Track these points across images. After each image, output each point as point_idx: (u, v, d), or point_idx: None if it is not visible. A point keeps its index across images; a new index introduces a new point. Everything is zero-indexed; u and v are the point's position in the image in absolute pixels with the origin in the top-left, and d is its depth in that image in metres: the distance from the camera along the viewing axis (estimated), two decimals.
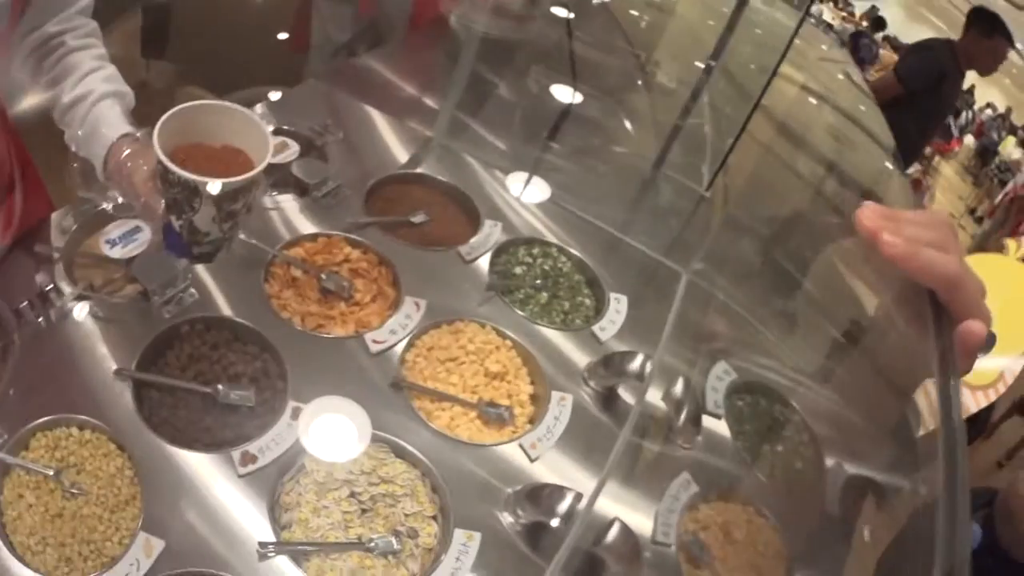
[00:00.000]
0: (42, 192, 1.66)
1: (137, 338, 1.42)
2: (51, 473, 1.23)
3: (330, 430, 1.34)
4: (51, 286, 1.43)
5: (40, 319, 1.40)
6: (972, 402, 1.96)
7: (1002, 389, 1.88)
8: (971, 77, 5.46)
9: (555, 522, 1.30)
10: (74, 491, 1.23)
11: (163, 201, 1.21)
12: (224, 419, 1.39)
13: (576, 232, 1.95)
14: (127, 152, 1.32)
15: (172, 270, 1.48)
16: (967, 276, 0.80)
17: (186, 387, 1.40)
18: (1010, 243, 2.25)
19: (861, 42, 10.04)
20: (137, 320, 1.45)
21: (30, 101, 1.54)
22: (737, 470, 1.59)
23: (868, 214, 0.81)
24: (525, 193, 1.97)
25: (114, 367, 1.37)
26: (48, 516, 1.21)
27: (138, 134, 1.35)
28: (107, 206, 1.57)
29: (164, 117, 1.14)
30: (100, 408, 1.32)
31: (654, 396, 1.54)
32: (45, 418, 1.29)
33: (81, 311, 1.44)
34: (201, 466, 1.30)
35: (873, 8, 12.82)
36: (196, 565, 1.19)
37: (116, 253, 1.52)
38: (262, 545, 1.22)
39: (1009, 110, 12.39)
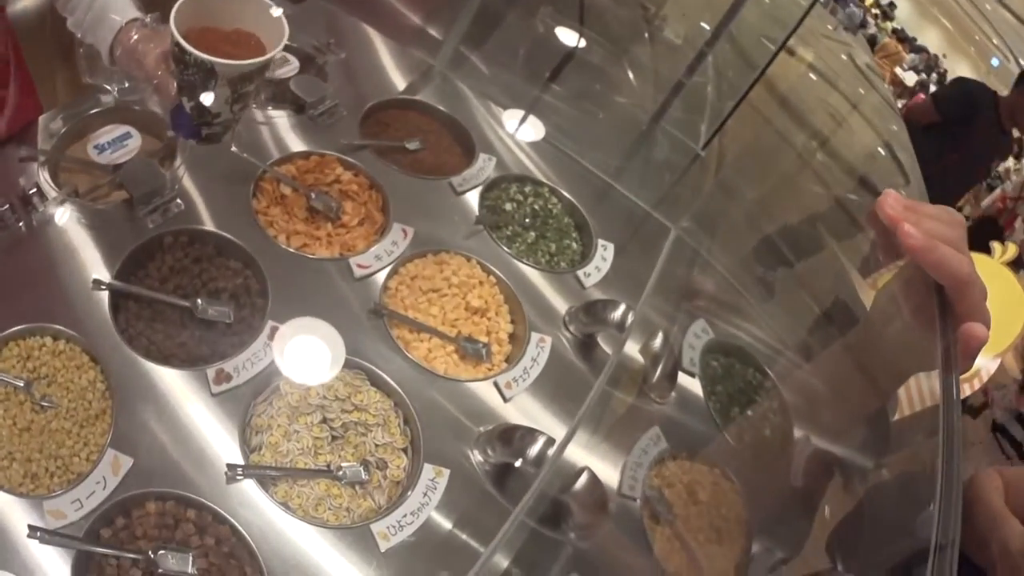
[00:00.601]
0: (32, 94, 1.58)
1: (119, 247, 1.36)
2: (21, 384, 1.19)
3: (304, 352, 1.29)
4: (34, 190, 1.36)
5: (20, 223, 1.33)
6: None
7: (977, 385, 1.90)
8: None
9: (524, 465, 1.26)
10: (44, 404, 1.19)
11: (175, 83, 1.18)
12: (201, 335, 1.34)
13: (567, 174, 1.89)
14: (136, 36, 1.27)
15: (159, 178, 1.42)
16: (976, 278, 0.82)
17: (164, 300, 1.34)
18: (996, 246, 2.25)
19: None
20: (120, 229, 1.39)
21: (24, 2, 1.45)
22: (707, 431, 1.56)
23: (891, 202, 0.82)
24: (520, 131, 1.90)
25: (93, 276, 1.31)
26: (16, 430, 1.17)
27: (147, 19, 1.30)
28: (111, 90, 1.51)
29: (180, 1, 1.10)
30: (76, 318, 1.27)
31: (632, 348, 1.49)
32: (18, 327, 1.23)
33: (63, 217, 1.38)
34: (175, 383, 1.25)
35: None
36: (163, 485, 1.15)
37: (104, 158, 1.45)
38: (230, 467, 1.18)
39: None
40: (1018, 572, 1.40)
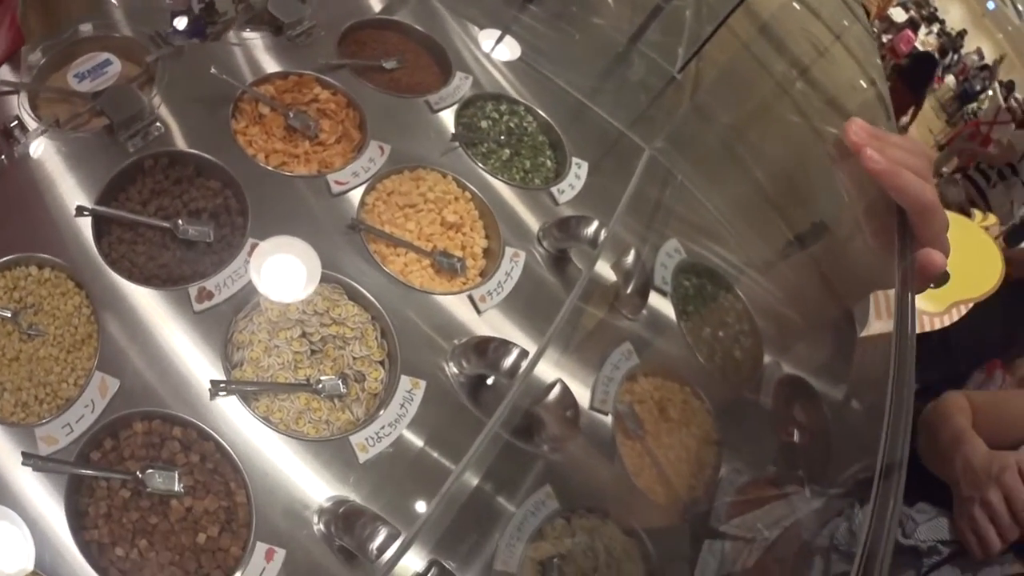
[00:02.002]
0: (14, 26, 1.48)
1: (100, 174, 1.31)
2: (8, 315, 1.16)
3: (281, 270, 1.24)
4: (15, 122, 1.30)
5: (2, 156, 1.28)
6: (919, 323, 1.97)
7: (947, 321, 1.90)
8: (963, 22, 5.22)
9: (498, 376, 1.22)
10: (31, 332, 1.16)
11: None
12: (182, 255, 1.31)
13: (543, 94, 1.83)
14: None
15: (139, 103, 1.36)
16: (938, 206, 0.80)
17: (145, 222, 1.30)
18: (977, 212, 2.27)
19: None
20: (102, 155, 1.33)
21: None
22: (678, 349, 1.52)
23: (855, 129, 0.80)
24: (496, 50, 1.82)
25: (76, 203, 1.26)
26: (4, 360, 1.15)
27: None
28: None
29: None
30: (60, 246, 1.23)
31: (604, 265, 1.45)
32: (4, 258, 1.20)
33: (45, 147, 1.32)
34: (158, 303, 1.22)
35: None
36: (149, 405, 1.13)
37: (84, 87, 1.40)
38: (213, 384, 1.16)
39: (996, 63, 11.99)
40: (979, 486, 1.39)
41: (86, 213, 1.24)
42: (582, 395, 1.35)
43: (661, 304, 1.54)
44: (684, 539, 1.30)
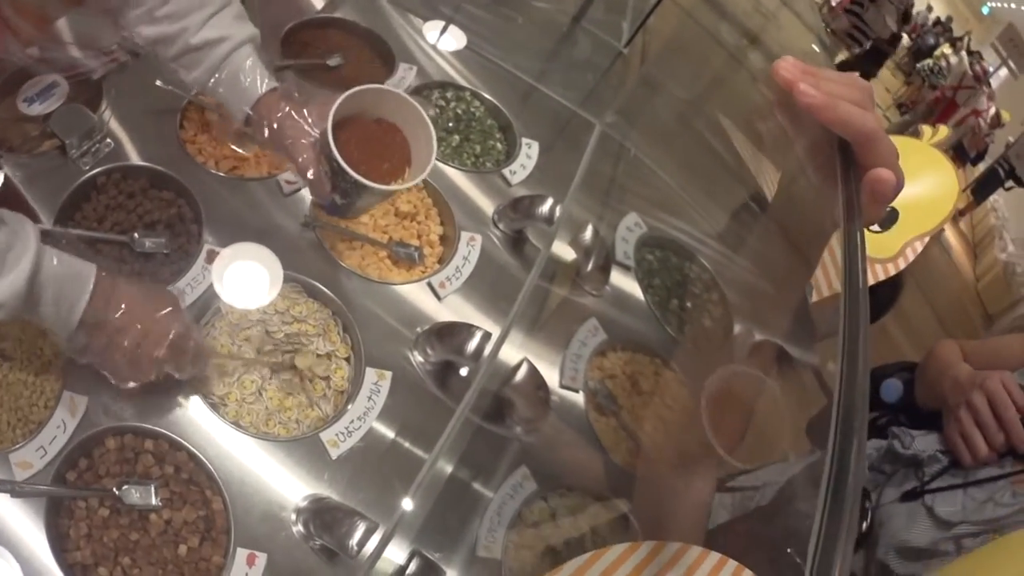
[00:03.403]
0: None
1: (56, 194, 1.28)
2: None
3: (243, 277, 1.21)
4: None
5: None
6: (871, 274, 1.82)
7: (902, 264, 1.79)
8: None
9: (464, 362, 1.20)
10: None
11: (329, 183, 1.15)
12: (141, 267, 1.28)
13: (490, 79, 1.81)
14: (279, 113, 1.18)
15: (89, 121, 1.34)
16: (882, 134, 0.74)
17: (102, 238, 1.27)
18: (925, 129, 2.11)
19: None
20: (56, 176, 1.31)
21: None
22: (646, 323, 1.52)
23: (786, 66, 0.74)
24: (441, 41, 1.78)
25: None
26: None
27: (280, 87, 1.21)
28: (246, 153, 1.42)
29: (336, 105, 1.08)
30: None
31: (562, 244, 1.43)
32: None
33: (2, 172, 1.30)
34: None
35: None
36: (119, 420, 1.11)
37: (35, 110, 1.36)
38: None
39: (950, 19, 12.02)
40: (965, 396, 1.39)
41: (46, 232, 1.20)
42: (551, 375, 1.35)
43: (624, 279, 1.53)
44: None
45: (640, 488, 1.26)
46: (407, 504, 1.09)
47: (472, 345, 1.19)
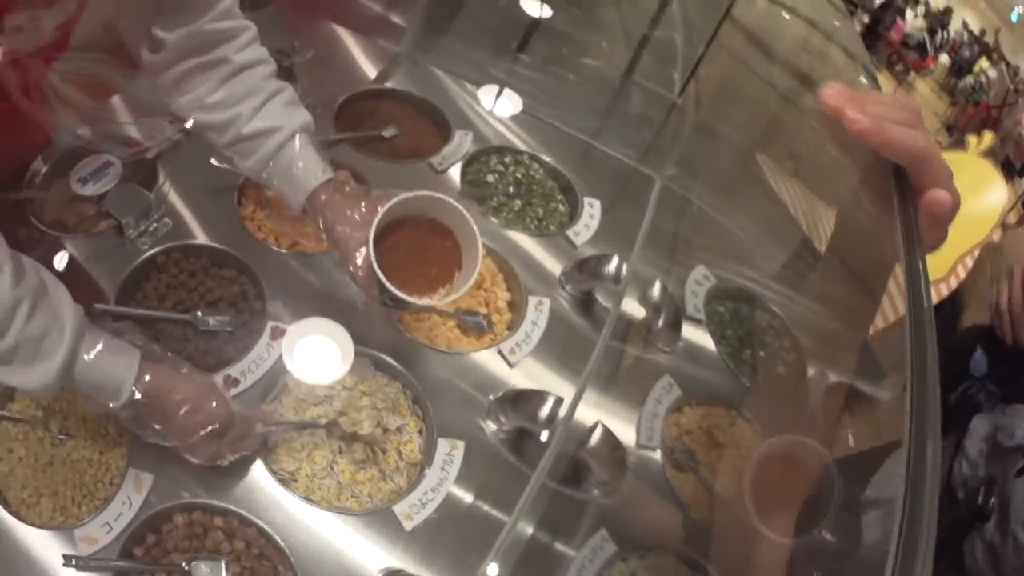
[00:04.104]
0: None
1: (115, 273, 1.33)
2: (39, 416, 1.18)
3: (314, 352, 1.24)
4: (24, 232, 1.34)
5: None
6: None
7: (954, 283, 1.77)
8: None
9: (538, 428, 1.22)
10: (62, 436, 1.18)
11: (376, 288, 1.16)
12: (205, 345, 1.31)
13: (548, 141, 1.84)
14: (331, 209, 1.20)
15: (145, 200, 1.39)
16: (934, 152, 0.75)
17: (164, 316, 1.32)
18: (971, 139, 2.07)
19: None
20: (114, 255, 1.36)
21: None
22: (720, 374, 1.52)
23: (832, 92, 0.75)
24: (497, 106, 1.85)
25: (94, 305, 1.26)
26: (39, 466, 1.16)
27: (335, 178, 1.24)
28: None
29: (380, 213, 1.11)
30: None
31: (632, 300, 1.45)
32: None
33: (57, 252, 1.34)
34: None
35: None
36: (187, 496, 1.14)
37: (88, 190, 1.42)
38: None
39: (983, 32, 12.12)
40: None
41: (105, 314, 1.25)
42: (627, 434, 1.35)
43: (696, 332, 1.54)
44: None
45: (718, 539, 1.27)
46: (485, 572, 1.11)
47: (545, 412, 1.21)
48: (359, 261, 1.15)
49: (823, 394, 1.41)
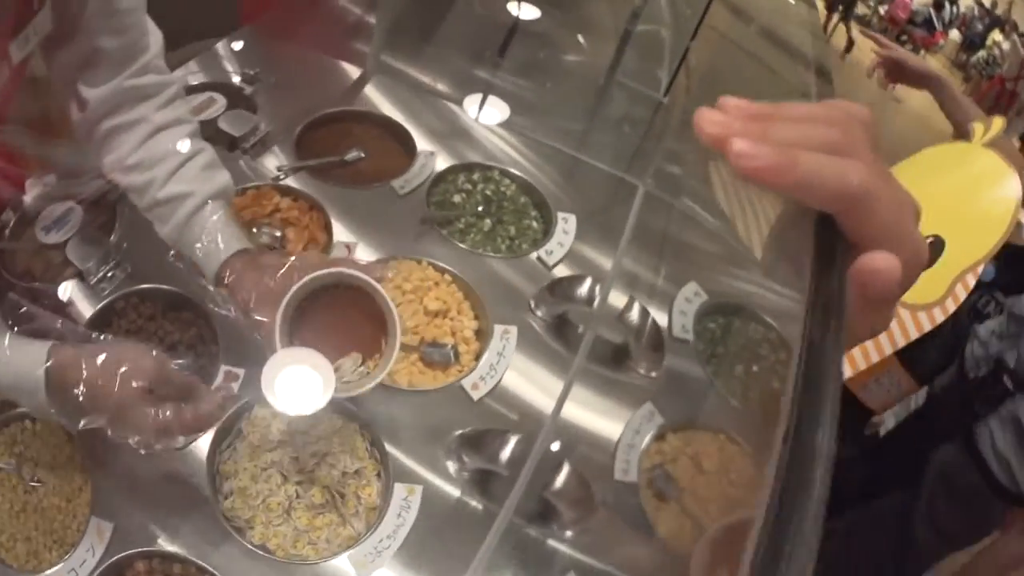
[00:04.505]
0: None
1: (78, 321, 1.34)
2: (13, 466, 1.22)
3: (294, 382, 1.24)
4: None
5: None
6: (913, 326, 1.63)
7: (951, 307, 1.57)
8: None
9: (502, 469, 1.21)
10: (34, 483, 1.21)
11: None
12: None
13: (523, 153, 1.81)
14: (245, 283, 1.18)
15: (104, 246, 1.42)
16: (878, 189, 0.51)
17: None
18: (977, 127, 1.79)
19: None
20: (80, 304, 1.38)
21: None
22: (706, 397, 1.48)
23: (711, 117, 0.51)
24: (477, 117, 1.83)
25: None
26: (14, 512, 1.20)
27: (251, 248, 1.23)
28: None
29: (283, 306, 1.09)
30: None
31: (611, 323, 1.43)
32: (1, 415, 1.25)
33: (26, 302, 1.35)
34: None
35: None
36: (145, 544, 1.15)
37: (52, 238, 1.44)
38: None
39: (995, 4, 11.93)
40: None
41: None
42: (607, 466, 1.33)
43: (681, 354, 1.50)
44: None
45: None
46: None
47: (507, 453, 1.18)
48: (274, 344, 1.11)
49: None
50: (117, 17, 1.17)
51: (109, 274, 1.42)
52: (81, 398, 1.02)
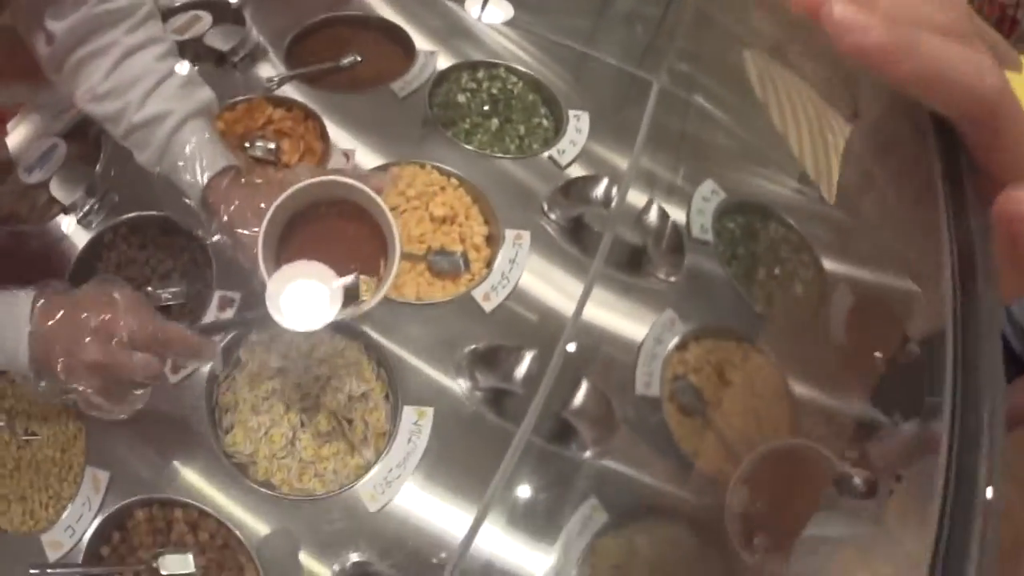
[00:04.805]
0: None
1: (67, 258, 1.31)
2: (3, 421, 1.20)
3: (299, 297, 1.16)
4: None
5: None
6: None
7: None
8: None
9: (516, 388, 1.14)
10: (26, 438, 1.18)
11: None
12: None
13: (528, 50, 1.69)
14: (229, 203, 1.11)
15: (89, 178, 1.37)
16: (1011, 100, 0.40)
17: None
18: None
19: None
20: (69, 241, 1.34)
21: None
22: (730, 303, 1.37)
23: None
24: (486, 14, 1.71)
25: None
26: (7, 471, 1.18)
27: (237, 165, 1.15)
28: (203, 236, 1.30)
29: (265, 222, 0.98)
30: None
31: (629, 225, 1.32)
32: None
33: (16, 245, 1.35)
34: None
35: None
36: (144, 491, 1.12)
37: (36, 178, 1.40)
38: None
39: None
40: None
41: None
42: (629, 379, 1.26)
43: (702, 257, 1.40)
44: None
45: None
46: (465, 551, 1.04)
47: (522, 370, 1.12)
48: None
49: (846, 313, 1.27)
50: None
51: (96, 206, 1.37)
52: (62, 356, 0.98)
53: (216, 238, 1.14)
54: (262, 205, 1.05)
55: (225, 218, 1.09)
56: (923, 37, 0.38)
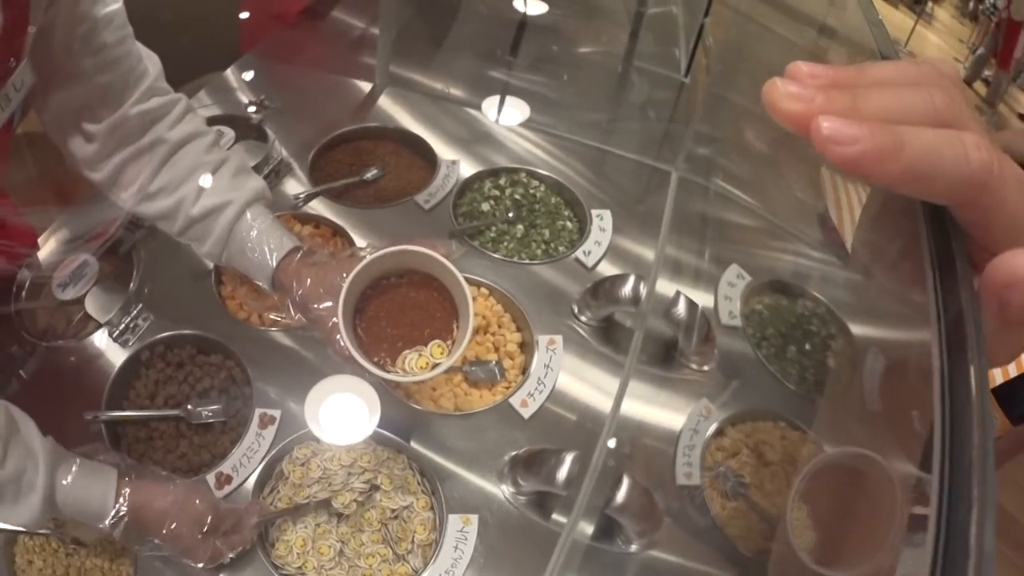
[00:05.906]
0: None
1: (103, 376, 1.31)
2: (51, 529, 1.16)
3: (338, 411, 1.19)
4: (15, 346, 1.34)
5: (10, 380, 1.31)
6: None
7: None
8: None
9: (559, 490, 1.15)
10: (74, 546, 1.17)
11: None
12: (200, 440, 1.28)
13: (548, 151, 1.74)
14: (301, 283, 1.13)
15: (122, 296, 1.39)
16: (1002, 168, 0.40)
17: (155, 416, 1.29)
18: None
19: None
20: (103, 358, 1.35)
21: None
22: (762, 385, 1.40)
23: (783, 90, 0.41)
24: (497, 119, 1.77)
25: (84, 413, 1.25)
26: None
27: (302, 247, 1.18)
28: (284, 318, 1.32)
29: (344, 292, 0.99)
30: (83, 456, 1.20)
31: (657, 317, 1.35)
32: None
33: (49, 363, 1.35)
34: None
35: None
36: None
37: (69, 294, 1.40)
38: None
39: None
40: None
41: (97, 422, 1.24)
42: (669, 471, 1.27)
43: (731, 342, 1.43)
44: None
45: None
46: None
47: (563, 472, 1.12)
48: (340, 341, 1.04)
49: (880, 378, 1.28)
50: (104, 52, 1.12)
51: (132, 324, 1.39)
52: (148, 536, 1.06)
53: (296, 316, 1.16)
54: (334, 281, 1.09)
55: (298, 296, 1.12)
56: (907, 136, 0.39)
